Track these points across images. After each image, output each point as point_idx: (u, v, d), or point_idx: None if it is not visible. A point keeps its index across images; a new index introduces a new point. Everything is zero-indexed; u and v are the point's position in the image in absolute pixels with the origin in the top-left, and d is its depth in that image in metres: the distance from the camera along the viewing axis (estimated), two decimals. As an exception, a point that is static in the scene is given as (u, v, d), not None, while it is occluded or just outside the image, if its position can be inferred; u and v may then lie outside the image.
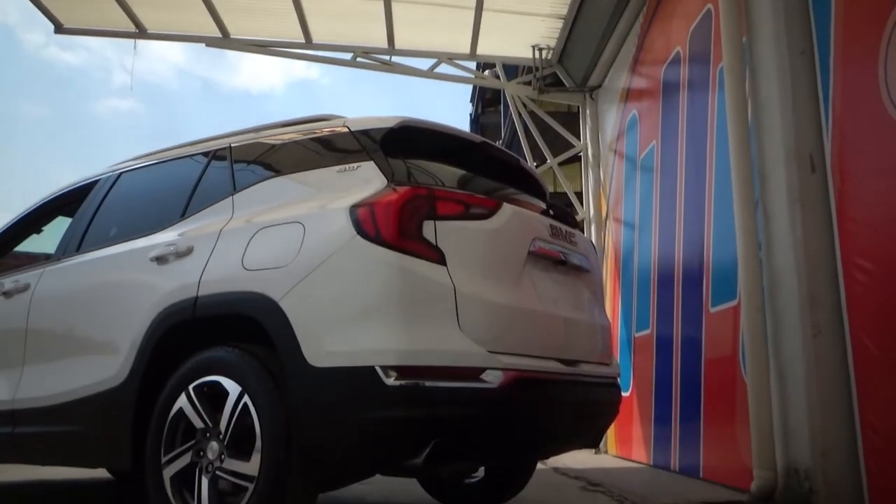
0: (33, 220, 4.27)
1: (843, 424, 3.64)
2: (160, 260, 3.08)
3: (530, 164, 8.01)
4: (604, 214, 8.52)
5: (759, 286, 4.17)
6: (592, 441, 3.43)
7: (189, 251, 3.01)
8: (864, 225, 3.62)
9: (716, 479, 4.87)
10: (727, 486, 4.58)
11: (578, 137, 9.13)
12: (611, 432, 7.35)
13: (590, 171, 8.88)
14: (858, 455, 3.55)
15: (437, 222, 2.60)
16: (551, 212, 3.30)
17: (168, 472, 2.73)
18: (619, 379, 3.49)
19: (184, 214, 3.23)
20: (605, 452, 7.69)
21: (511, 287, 2.78)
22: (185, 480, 2.71)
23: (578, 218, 8.65)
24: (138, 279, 3.14)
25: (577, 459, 6.71)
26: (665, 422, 5.97)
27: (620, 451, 7.35)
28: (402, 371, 2.38)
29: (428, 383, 2.40)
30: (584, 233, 5.18)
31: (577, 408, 3.06)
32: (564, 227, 3.26)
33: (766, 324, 4.13)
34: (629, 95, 7.55)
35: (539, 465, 4.37)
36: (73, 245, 3.66)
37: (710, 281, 5.18)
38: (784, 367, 3.98)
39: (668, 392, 5.90)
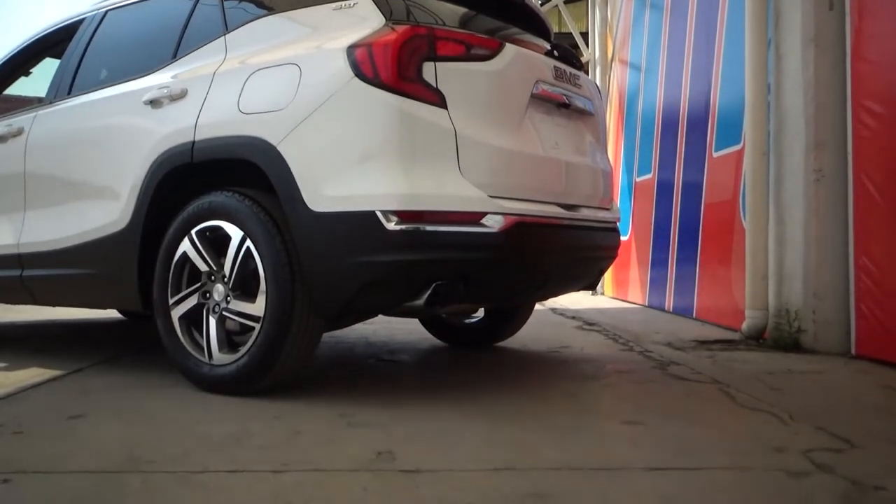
0: (20, 63, 4.13)
1: (837, 268, 3.71)
2: (154, 103, 3.01)
3: (534, 1, 7.66)
4: (610, 56, 8.26)
5: (765, 130, 4.11)
6: (590, 284, 3.50)
7: (183, 94, 2.93)
8: (878, 66, 3.51)
9: (708, 319, 5.03)
10: (719, 326, 4.74)
11: (586, -28, 8.69)
12: (608, 275, 7.52)
13: (597, 10, 8.53)
14: (849, 297, 3.64)
15: (437, 63, 2.51)
16: (555, 53, 3.19)
17: (176, 313, 2.81)
18: (618, 223, 3.51)
19: (175, 55, 3.12)
20: (602, 294, 7.91)
21: (513, 131, 2.73)
22: (193, 320, 2.80)
23: (583, 59, 8.39)
24: (133, 123, 3.08)
25: (575, 301, 6.91)
26: (662, 265, 6.10)
27: (617, 293, 7.55)
28: (402, 215, 2.39)
29: (429, 228, 2.41)
30: (588, 75, 5.04)
31: (577, 252, 3.09)
32: (569, 69, 3.16)
33: (769, 168, 4.11)
34: (641, -75, 7.10)
35: (537, 306, 4.50)
36: (64, 88, 3.57)
37: (714, 125, 5.10)
38: (783, 211, 4.01)
39: (667, 236, 5.98)
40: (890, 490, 1.70)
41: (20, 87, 4.29)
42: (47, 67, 4.00)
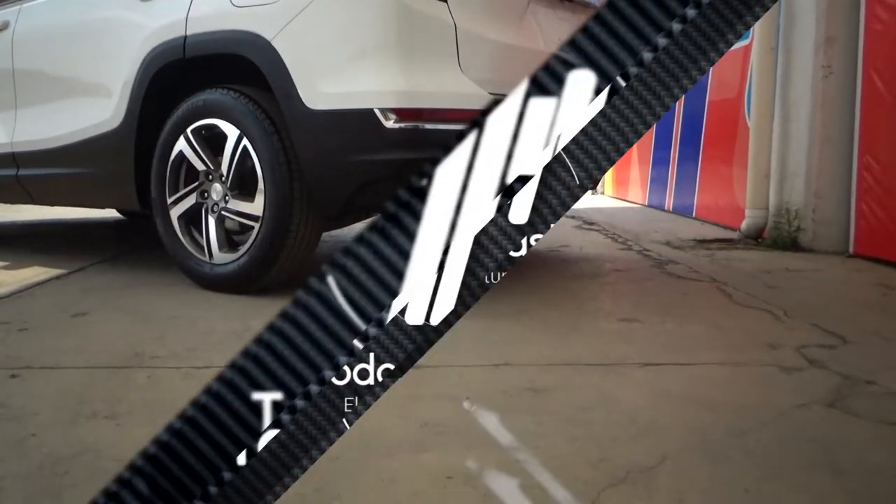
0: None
1: (841, 166, 3.68)
2: (142, -5, 2.90)
3: None
4: (616, -55, 7.93)
5: (775, 24, 3.99)
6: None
7: (172, -15, 2.82)
8: (895, -45, 3.37)
9: (707, 219, 5.04)
10: (718, 225, 4.75)
11: None
12: (609, 175, 7.48)
13: None
14: (850, 196, 3.62)
15: (436, -47, 2.41)
16: (560, -60, 3.05)
17: (175, 213, 2.80)
18: (620, 121, 3.46)
19: (162, -57, 2.98)
20: (602, 194, 7.89)
21: (514, 25, 2.65)
22: (192, 220, 2.79)
23: (588, -51, 8.05)
24: (122, 17, 2.98)
25: (575, 200, 6.89)
26: (663, 164, 6.05)
27: (617, 192, 7.53)
28: (401, 113, 2.34)
29: (428, 126, 2.37)
30: (593, -35, 4.83)
31: (577, 150, 3.06)
32: (573, -42, 3.03)
33: (776, 64, 4.02)
34: None
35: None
36: (49, -21, 3.43)
37: (722, 19, 4.94)
38: (789, 108, 3.94)
39: (668, 135, 5.91)
40: (880, 384, 1.73)
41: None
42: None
